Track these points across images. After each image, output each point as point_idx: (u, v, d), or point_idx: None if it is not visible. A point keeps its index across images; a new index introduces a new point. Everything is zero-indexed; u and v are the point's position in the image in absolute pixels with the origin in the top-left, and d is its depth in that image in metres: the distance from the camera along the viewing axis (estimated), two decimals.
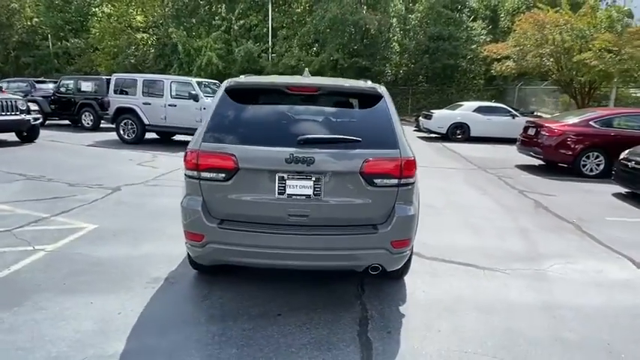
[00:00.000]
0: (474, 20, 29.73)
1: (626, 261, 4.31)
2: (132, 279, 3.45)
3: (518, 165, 9.98)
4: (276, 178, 2.68)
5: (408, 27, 30.19)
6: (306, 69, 3.82)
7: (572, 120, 8.99)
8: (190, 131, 10.80)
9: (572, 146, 8.61)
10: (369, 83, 3.17)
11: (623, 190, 7.43)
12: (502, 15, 29.49)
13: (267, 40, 27.42)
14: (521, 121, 14.39)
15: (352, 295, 3.35)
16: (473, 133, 14.58)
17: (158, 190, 6.31)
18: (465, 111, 14.89)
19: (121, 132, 11.11)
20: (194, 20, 27.01)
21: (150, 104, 10.82)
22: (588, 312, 3.24)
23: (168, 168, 8.02)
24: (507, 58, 17.01)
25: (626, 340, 2.87)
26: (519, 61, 16.10)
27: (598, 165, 8.64)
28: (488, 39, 28.70)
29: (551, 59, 15.07)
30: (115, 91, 11.14)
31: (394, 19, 29.21)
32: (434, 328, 2.91)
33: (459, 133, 14.68)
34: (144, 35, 29.71)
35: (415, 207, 2.86)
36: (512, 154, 10.78)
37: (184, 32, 25.38)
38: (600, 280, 3.86)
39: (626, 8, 14.42)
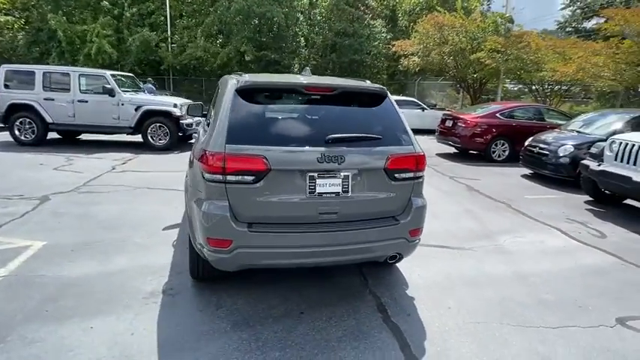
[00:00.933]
0: (374, 19, 31.53)
1: (555, 231, 5.18)
2: (123, 297, 3.16)
3: (438, 153, 11.06)
4: (307, 177, 2.72)
5: (314, 22, 30.85)
6: (307, 68, 3.83)
7: (481, 112, 10.24)
8: (106, 130, 9.85)
9: (484, 135, 9.83)
10: (370, 83, 3.34)
11: (528, 171, 8.78)
12: (400, 15, 31.70)
13: (165, 29, 25.79)
14: (430, 113, 15.91)
15: (358, 285, 3.52)
16: None
17: (98, 198, 5.70)
18: None
19: (17, 132, 9.62)
20: (74, 2, 24.04)
21: (53, 100, 9.55)
22: (549, 277, 3.86)
23: (94, 172, 7.24)
24: (413, 54, 18.48)
25: (587, 295, 3.52)
26: (424, 57, 17.62)
27: (504, 151, 10.01)
28: (389, 36, 30.79)
29: (451, 57, 16.79)
30: (6, 86, 9.59)
31: (300, 14, 29.62)
32: (443, 306, 3.23)
33: None
34: (8, 18, 25.65)
35: (424, 198, 3.13)
36: (429, 144, 11.86)
37: (64, 17, 22.48)
38: (545, 248, 4.59)
39: (507, 15, 16.73)
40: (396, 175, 2.89)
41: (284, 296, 3.27)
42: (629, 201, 6.56)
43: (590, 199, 6.76)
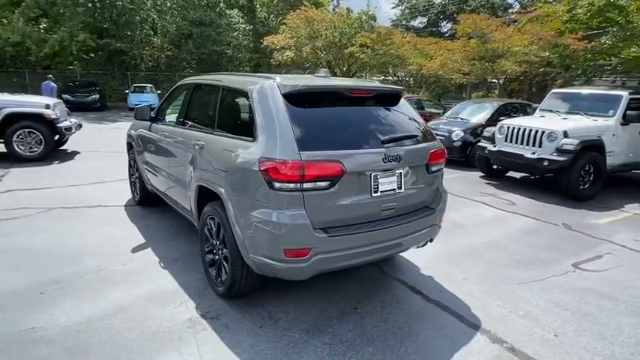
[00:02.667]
0: (231, 8, 31.04)
1: (481, 204, 6.31)
2: (165, 331, 2.85)
3: None
4: (372, 177, 2.89)
5: (163, 8, 28.73)
6: (325, 70, 3.82)
7: None
8: None
9: None
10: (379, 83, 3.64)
11: None
12: (258, 6, 31.86)
13: None
14: None
15: (378, 274, 3.83)
16: None
17: (9, 227, 4.65)
18: None
19: None
20: None
21: None
22: (506, 241, 4.79)
23: None
24: (285, 48, 19.00)
25: (540, 251, 4.51)
26: (297, 52, 18.31)
27: None
28: (248, 27, 30.73)
29: (324, 52, 17.87)
30: None
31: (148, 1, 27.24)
32: (458, 278, 3.78)
33: None
34: None
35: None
36: None
37: None
38: (485, 219, 5.60)
39: (371, 13, 18.59)
40: (432, 168, 3.29)
41: (327, 297, 3.37)
42: (511, 173, 8.31)
43: (483, 174, 8.31)
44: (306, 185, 2.65)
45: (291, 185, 2.63)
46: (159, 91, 24.00)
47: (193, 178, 3.49)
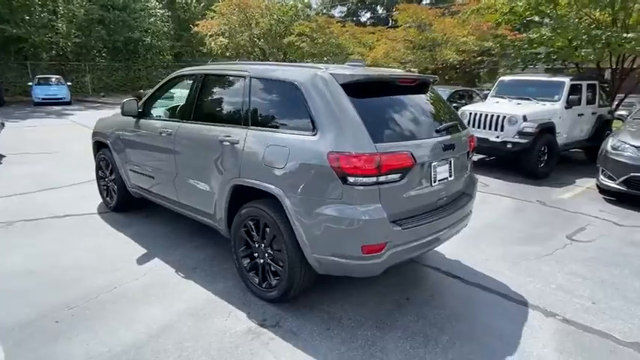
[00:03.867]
0: None
1: None
2: (230, 351, 2.61)
3: None
4: (432, 167, 2.91)
5: None
6: (359, 58, 3.65)
7: None
8: None
9: None
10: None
11: None
12: None
13: None
14: None
15: (411, 263, 3.85)
16: None
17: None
18: None
19: None
20: None
21: None
22: (503, 221, 5.14)
23: None
24: (218, 35, 18.22)
25: (536, 227, 4.92)
26: (232, 39, 17.66)
27: None
28: (167, 13, 28.89)
29: (261, 40, 17.44)
30: None
31: None
32: (481, 258, 3.97)
33: None
34: None
35: None
36: None
37: None
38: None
39: (306, 1, 18.44)
40: (469, 155, 3.40)
41: (373, 290, 3.35)
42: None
43: None
44: (381, 178, 2.59)
45: (367, 179, 2.56)
46: (69, 83, 21.71)
47: (223, 178, 3.23)
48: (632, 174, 5.65)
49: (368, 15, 45.74)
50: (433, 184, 2.95)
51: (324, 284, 3.31)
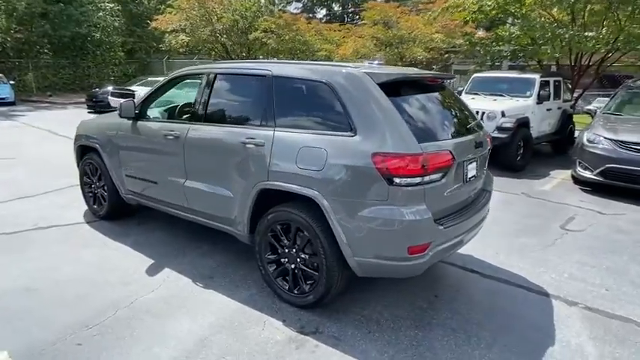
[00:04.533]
0: None
1: None
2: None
3: None
4: (465, 165, 2.94)
5: None
6: (380, 57, 3.58)
7: None
8: None
9: None
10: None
11: None
12: None
13: None
14: None
15: None
16: None
17: None
18: None
19: None
20: None
21: None
22: (500, 214, 5.28)
23: None
24: (177, 31, 17.58)
25: (531, 219, 5.13)
26: (193, 35, 17.10)
27: None
28: (117, 7, 27.47)
29: (224, 36, 17.00)
30: None
31: None
32: (492, 253, 4.08)
33: None
34: None
35: None
36: None
37: None
38: None
39: None
40: (488, 150, 3.48)
41: (401, 289, 3.35)
42: None
43: None
44: (426, 178, 2.59)
45: (413, 180, 2.55)
46: (11, 82, 20.14)
47: (247, 182, 3.11)
48: (607, 165, 6.03)
49: (323, 12, 45.91)
50: (465, 182, 2.99)
51: (351, 286, 3.26)
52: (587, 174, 6.32)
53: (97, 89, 17.35)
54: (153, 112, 4.19)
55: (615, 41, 9.17)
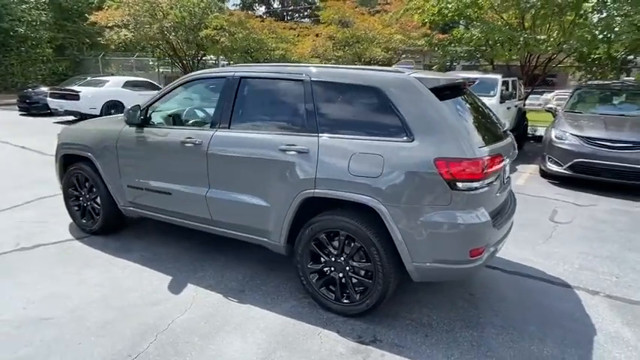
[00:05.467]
0: None
1: None
2: None
3: None
4: (504, 167, 3.04)
5: None
6: (409, 60, 3.51)
7: None
8: None
9: None
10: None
11: None
12: None
13: None
14: None
15: None
16: None
17: None
18: (115, 87, 13.77)
19: None
20: None
21: None
22: None
23: None
24: (120, 26, 16.53)
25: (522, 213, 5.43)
26: (138, 31, 16.18)
27: None
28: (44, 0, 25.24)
29: (172, 33, 16.23)
30: None
31: None
32: (502, 249, 4.27)
33: (114, 112, 13.53)
34: None
35: None
36: None
37: None
38: None
39: None
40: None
41: (436, 290, 3.41)
42: None
43: None
44: (485, 182, 2.65)
45: (474, 184, 2.60)
46: None
47: (289, 190, 2.99)
48: (575, 160, 6.55)
49: (263, 9, 45.33)
50: (503, 183, 3.09)
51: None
52: (557, 168, 6.81)
53: (30, 89, 15.81)
54: (156, 117, 3.90)
55: (562, 44, 9.97)
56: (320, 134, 2.93)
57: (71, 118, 13.26)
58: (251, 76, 3.35)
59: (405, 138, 2.68)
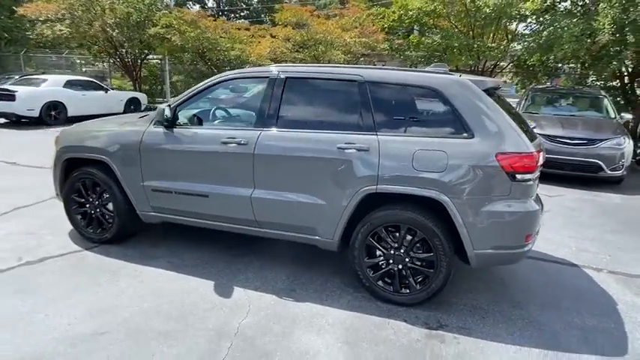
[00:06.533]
0: None
1: None
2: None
3: None
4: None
5: None
6: (443, 63, 3.63)
7: None
8: None
9: None
10: None
11: None
12: None
13: None
14: (115, 95, 14.31)
15: None
16: (70, 113, 12.87)
17: None
18: (55, 87, 12.67)
19: None
20: None
21: None
22: None
23: None
24: (53, 21, 15.27)
25: None
26: (77, 27, 15.06)
27: None
28: None
29: (116, 30, 15.30)
30: None
31: None
32: None
33: (54, 114, 12.49)
34: None
35: None
36: None
37: None
38: None
39: None
40: None
41: (467, 275, 3.67)
42: None
43: None
44: (537, 173, 2.95)
45: (530, 175, 2.88)
46: None
47: (348, 188, 3.08)
48: None
49: (197, 7, 43.97)
50: None
51: None
52: None
53: None
54: (185, 117, 3.76)
55: (506, 51, 10.96)
56: (378, 132, 3.05)
57: (2, 120, 12.01)
58: (298, 76, 3.39)
59: (465, 135, 2.90)
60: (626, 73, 10.72)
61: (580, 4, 9.31)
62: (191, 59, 16.27)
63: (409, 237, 3.06)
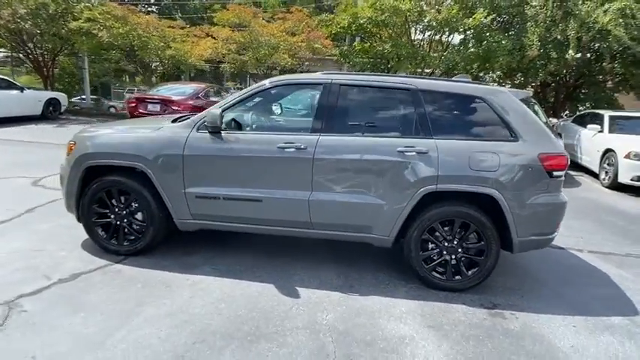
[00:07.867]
0: None
1: None
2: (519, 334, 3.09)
3: None
4: None
5: None
6: (467, 76, 3.99)
7: (188, 94, 10.51)
8: None
9: None
10: None
11: None
12: None
13: None
14: (31, 95, 12.91)
15: None
16: None
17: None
18: None
19: None
20: None
21: None
22: None
23: None
24: None
25: None
26: None
27: None
28: None
29: (29, 22, 13.77)
30: None
31: None
32: None
33: None
34: None
35: None
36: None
37: None
38: None
39: None
40: None
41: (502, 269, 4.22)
42: None
43: None
44: (565, 171, 3.55)
45: (562, 172, 3.47)
46: None
47: (408, 187, 3.41)
48: None
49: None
50: None
51: None
52: None
53: None
54: (232, 123, 3.78)
55: (443, 61, 12.11)
56: (434, 137, 3.43)
57: None
58: (352, 83, 3.64)
59: (511, 138, 3.40)
60: (538, 83, 12.50)
61: (512, 22, 10.69)
62: (118, 58, 15.18)
63: (460, 230, 3.47)
